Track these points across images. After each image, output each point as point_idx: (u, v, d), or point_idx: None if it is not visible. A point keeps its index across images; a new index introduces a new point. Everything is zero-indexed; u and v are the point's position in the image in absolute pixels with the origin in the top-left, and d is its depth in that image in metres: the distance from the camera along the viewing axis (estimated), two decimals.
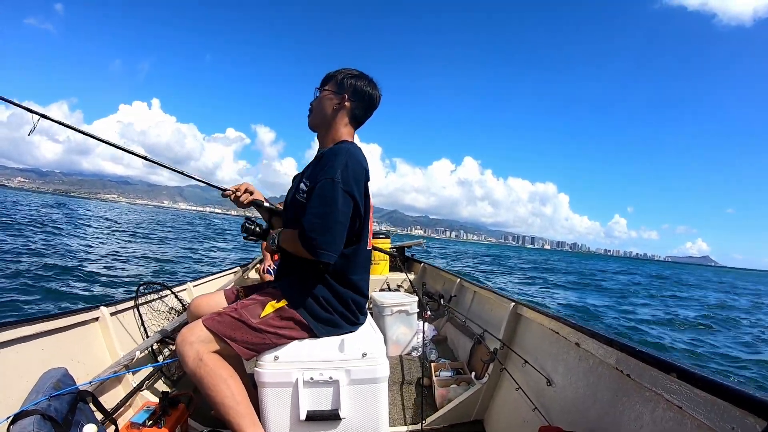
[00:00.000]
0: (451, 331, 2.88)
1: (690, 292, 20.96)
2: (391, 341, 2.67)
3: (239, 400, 1.25)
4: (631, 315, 10.70)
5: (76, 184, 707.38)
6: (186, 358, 1.25)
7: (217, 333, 1.27)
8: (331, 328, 1.38)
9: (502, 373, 1.84)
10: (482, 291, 2.54)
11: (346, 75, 1.46)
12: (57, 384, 1.17)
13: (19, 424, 0.95)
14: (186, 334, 1.28)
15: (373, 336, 1.41)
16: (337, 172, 1.27)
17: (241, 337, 1.28)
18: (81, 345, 1.75)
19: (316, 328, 1.35)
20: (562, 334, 1.46)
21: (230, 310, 1.33)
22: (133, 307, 2.20)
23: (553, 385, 1.43)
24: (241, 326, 1.29)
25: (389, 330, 2.67)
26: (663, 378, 0.92)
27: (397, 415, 1.88)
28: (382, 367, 1.32)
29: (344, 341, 1.35)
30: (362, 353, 1.31)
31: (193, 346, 1.25)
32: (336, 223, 1.27)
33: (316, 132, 1.54)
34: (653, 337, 7.98)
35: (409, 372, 2.36)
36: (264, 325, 1.30)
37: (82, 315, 1.80)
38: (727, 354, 7.12)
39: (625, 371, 1.07)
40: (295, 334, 1.34)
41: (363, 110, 1.50)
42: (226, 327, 1.28)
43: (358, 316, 1.45)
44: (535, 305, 1.80)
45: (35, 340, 1.51)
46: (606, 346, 1.17)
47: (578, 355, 1.35)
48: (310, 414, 1.28)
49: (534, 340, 1.73)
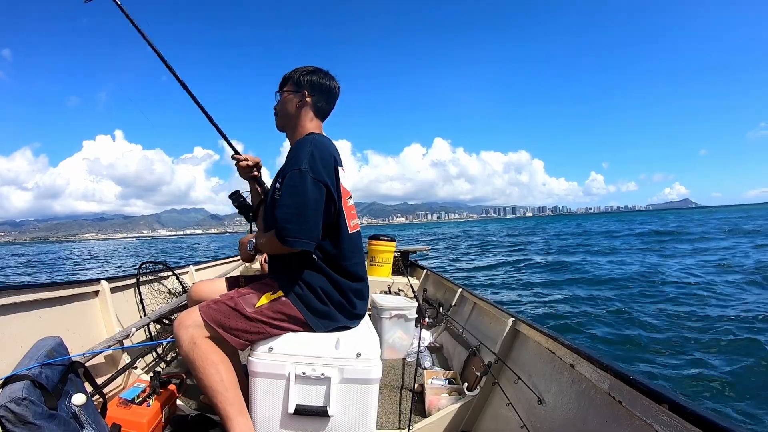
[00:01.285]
0: (447, 340, 2.85)
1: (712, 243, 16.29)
2: (386, 344, 2.65)
3: (228, 386, 1.25)
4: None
5: (52, 229, 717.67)
6: (181, 341, 1.26)
7: (211, 322, 1.27)
8: (328, 322, 1.38)
9: (494, 387, 1.81)
10: (482, 303, 2.52)
11: (301, 73, 1.50)
12: (51, 352, 1.17)
13: (9, 388, 0.95)
14: (183, 318, 1.29)
15: (369, 337, 1.40)
16: (303, 162, 1.29)
17: (236, 326, 1.28)
18: (79, 317, 1.76)
19: (312, 320, 1.35)
20: (558, 354, 1.43)
21: (226, 299, 1.33)
22: (134, 285, 2.21)
23: (543, 405, 1.41)
24: (236, 315, 1.29)
25: (386, 333, 2.65)
26: (655, 408, 0.90)
27: (386, 418, 1.86)
28: (375, 368, 1.30)
29: (340, 339, 1.34)
30: (357, 353, 1.30)
31: (189, 330, 1.26)
32: (309, 211, 1.27)
33: (284, 133, 1.57)
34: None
35: (402, 377, 2.34)
36: (259, 315, 1.30)
37: (83, 287, 1.82)
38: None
39: (617, 398, 1.05)
40: (289, 325, 1.34)
41: (325, 102, 1.53)
42: (222, 315, 1.28)
43: (355, 304, 1.44)
44: (533, 323, 1.77)
45: (34, 308, 1.52)
46: (600, 370, 1.15)
47: (572, 377, 1.32)
48: (299, 408, 1.27)
49: (529, 358, 1.71)
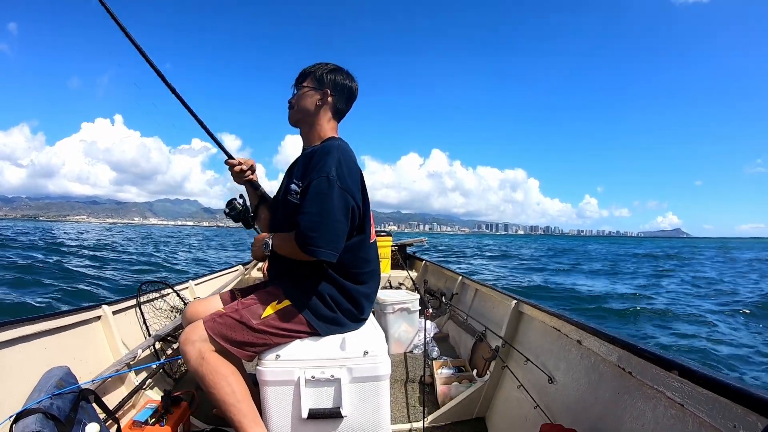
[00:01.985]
0: (452, 328, 2.88)
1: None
2: (392, 339, 2.67)
3: (240, 398, 1.25)
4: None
5: (44, 208, 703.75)
6: (188, 357, 1.26)
7: (217, 337, 1.26)
8: (336, 327, 1.37)
9: (504, 370, 1.84)
10: (484, 289, 2.54)
11: (323, 70, 1.46)
12: (59, 383, 1.17)
13: (21, 423, 0.95)
14: (189, 333, 1.28)
15: (374, 334, 1.41)
16: (332, 170, 1.26)
17: (242, 338, 1.27)
18: (83, 344, 1.75)
19: (320, 327, 1.34)
20: (564, 331, 1.45)
21: (231, 311, 1.32)
22: (135, 306, 2.20)
23: (554, 383, 1.43)
24: (242, 327, 1.28)
25: (391, 328, 2.68)
26: (665, 376, 0.91)
27: (399, 412, 1.89)
28: (383, 365, 1.31)
29: (345, 339, 1.34)
30: (364, 351, 1.31)
31: (195, 345, 1.26)
32: (335, 221, 1.25)
33: (298, 128, 1.53)
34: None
35: (411, 370, 2.36)
36: (265, 326, 1.29)
37: (84, 314, 1.81)
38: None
39: (626, 369, 1.06)
40: (296, 334, 1.34)
41: (344, 103, 1.51)
42: (227, 328, 1.27)
43: (363, 309, 1.43)
44: (535, 302, 1.80)
45: (37, 339, 1.51)
46: (608, 343, 1.17)
47: (580, 352, 1.34)
48: (312, 412, 1.28)
49: (536, 338, 1.73)
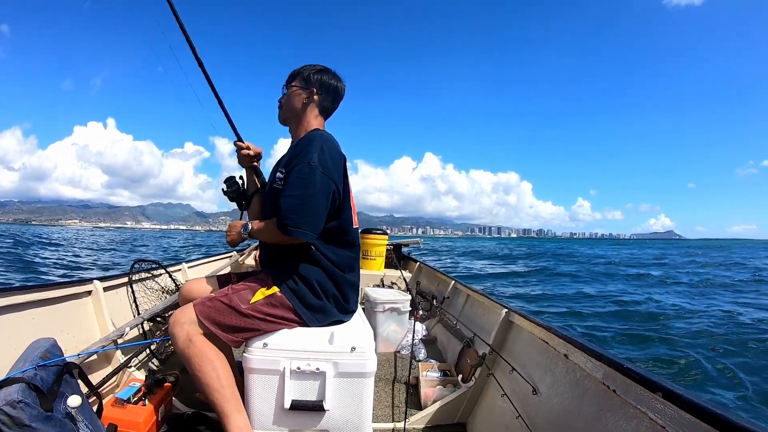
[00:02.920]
0: (441, 332, 2.88)
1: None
2: (381, 338, 2.67)
3: (225, 383, 1.25)
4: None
5: (35, 212, 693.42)
6: (177, 338, 1.27)
7: (206, 320, 1.27)
8: (322, 316, 1.39)
9: (489, 378, 1.84)
10: (476, 295, 2.54)
11: (311, 71, 1.53)
12: (45, 354, 1.17)
13: (4, 391, 0.95)
14: (179, 315, 1.29)
15: (363, 330, 1.41)
16: (313, 156, 1.31)
17: (230, 322, 1.29)
18: (72, 317, 1.75)
19: (306, 315, 1.36)
20: (552, 344, 1.46)
21: (221, 295, 1.33)
22: (126, 284, 2.20)
23: (538, 395, 1.43)
24: (231, 311, 1.29)
25: (380, 326, 2.68)
26: (649, 397, 0.92)
27: (381, 411, 1.89)
28: (370, 362, 1.32)
29: (334, 334, 1.35)
30: (351, 347, 1.31)
31: (184, 327, 1.27)
32: (315, 203, 1.30)
33: (287, 126, 1.60)
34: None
35: (397, 370, 2.37)
36: (253, 311, 1.31)
37: (76, 288, 1.80)
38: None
39: (611, 387, 1.07)
40: (284, 321, 1.35)
41: (331, 102, 1.57)
42: (216, 312, 1.29)
43: (349, 299, 1.46)
44: (526, 313, 1.80)
45: (27, 309, 1.51)
46: (594, 360, 1.17)
47: (566, 366, 1.35)
48: (295, 403, 1.28)
49: (523, 348, 1.74)
